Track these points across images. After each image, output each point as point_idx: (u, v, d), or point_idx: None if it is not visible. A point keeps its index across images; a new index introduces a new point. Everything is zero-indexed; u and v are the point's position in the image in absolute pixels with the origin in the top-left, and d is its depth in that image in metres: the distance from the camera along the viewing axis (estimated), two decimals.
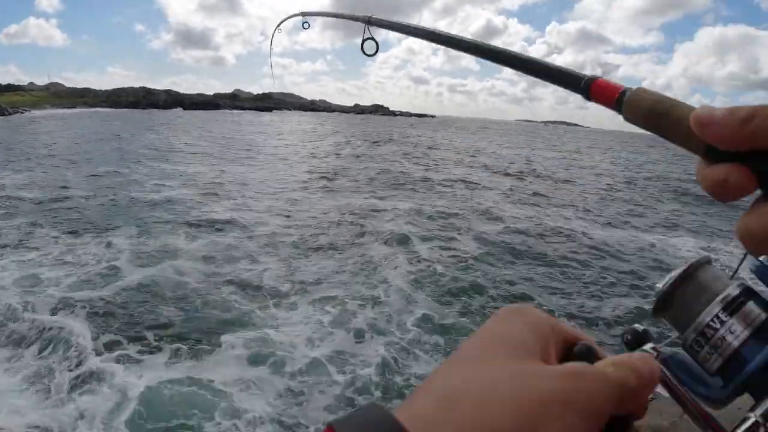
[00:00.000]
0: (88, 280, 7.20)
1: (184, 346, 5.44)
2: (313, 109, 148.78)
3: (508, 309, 0.38)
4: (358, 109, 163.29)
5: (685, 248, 11.57)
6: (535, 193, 18.07)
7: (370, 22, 1.04)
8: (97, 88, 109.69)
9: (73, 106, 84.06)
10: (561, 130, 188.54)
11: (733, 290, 0.36)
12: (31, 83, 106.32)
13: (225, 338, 5.67)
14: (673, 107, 0.38)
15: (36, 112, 67.32)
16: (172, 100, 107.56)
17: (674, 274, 0.38)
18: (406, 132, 58.39)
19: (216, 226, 10.80)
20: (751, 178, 0.32)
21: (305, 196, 15.08)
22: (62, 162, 19.66)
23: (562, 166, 30.30)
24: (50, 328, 5.70)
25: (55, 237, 9.26)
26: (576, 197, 18.22)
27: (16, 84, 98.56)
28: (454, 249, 9.80)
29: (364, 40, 1.07)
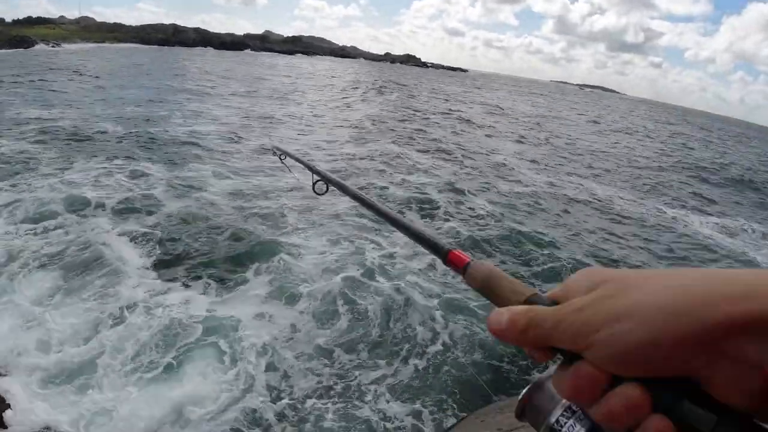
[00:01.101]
0: (126, 211, 7.64)
1: (212, 279, 5.82)
2: (343, 55, 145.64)
3: None
4: (389, 58, 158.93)
5: (706, 226, 11.52)
6: (558, 161, 17.90)
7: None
8: (127, 24, 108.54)
9: (103, 41, 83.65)
10: (596, 95, 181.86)
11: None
12: (62, 17, 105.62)
13: (250, 268, 6.11)
14: (497, 284, 0.48)
15: (66, 46, 67.33)
16: (201, 39, 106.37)
17: (529, 385, 0.44)
18: (435, 87, 57.17)
19: (241, 163, 11.20)
20: (547, 352, 0.40)
21: (329, 139, 15.25)
22: (90, 97, 20.01)
23: (590, 133, 29.64)
24: (91, 257, 6.08)
25: (94, 166, 9.69)
26: (599, 166, 18.00)
27: (46, 17, 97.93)
28: (470, 207, 9.92)
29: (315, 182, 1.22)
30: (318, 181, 1.22)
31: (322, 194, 1.25)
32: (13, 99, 17.13)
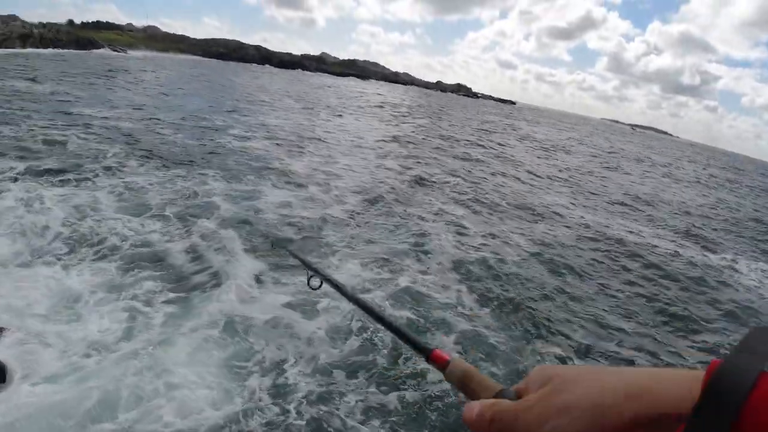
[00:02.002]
0: (182, 215, 8.09)
1: (253, 281, 6.17)
2: (395, 81, 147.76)
3: None
4: (440, 86, 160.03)
5: (755, 272, 11.10)
6: (600, 202, 17.62)
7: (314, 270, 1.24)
8: (191, 36, 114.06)
9: (167, 51, 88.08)
10: (646, 136, 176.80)
11: None
12: (129, 24, 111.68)
13: (279, 278, 6.37)
14: (472, 380, 0.60)
15: (132, 52, 71.35)
16: (260, 56, 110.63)
17: None
18: (481, 117, 57.19)
19: (292, 176, 11.81)
20: None
21: (368, 160, 15.68)
22: (153, 102, 21.21)
23: (639, 175, 28.95)
24: (151, 256, 6.51)
25: (154, 170, 10.37)
26: (646, 210, 17.58)
27: (114, 23, 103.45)
28: (507, 242, 9.92)
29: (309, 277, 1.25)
30: (312, 276, 1.24)
31: (317, 289, 1.25)
32: (79, 98, 18.37)
